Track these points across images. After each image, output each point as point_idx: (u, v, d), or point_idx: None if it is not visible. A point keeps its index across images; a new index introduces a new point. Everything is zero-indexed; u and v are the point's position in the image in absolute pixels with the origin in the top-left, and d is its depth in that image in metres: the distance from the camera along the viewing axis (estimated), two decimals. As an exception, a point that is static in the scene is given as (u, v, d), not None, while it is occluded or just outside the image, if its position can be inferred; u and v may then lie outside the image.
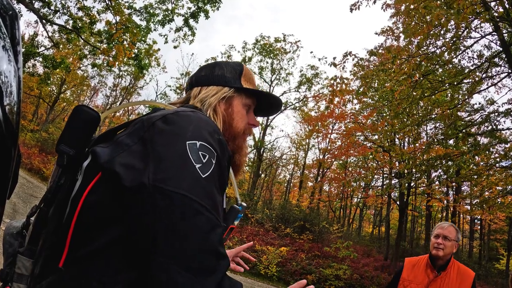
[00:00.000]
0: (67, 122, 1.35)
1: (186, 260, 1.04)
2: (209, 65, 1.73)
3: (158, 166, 1.10)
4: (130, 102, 7.43)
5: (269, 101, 1.79)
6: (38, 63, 25.33)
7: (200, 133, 1.22)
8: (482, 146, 13.14)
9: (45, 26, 20.42)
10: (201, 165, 1.14)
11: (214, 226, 1.12)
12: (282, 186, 55.39)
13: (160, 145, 1.15)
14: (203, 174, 1.14)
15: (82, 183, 1.21)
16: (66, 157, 1.29)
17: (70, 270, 1.11)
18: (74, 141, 1.31)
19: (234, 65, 1.74)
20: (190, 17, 19.53)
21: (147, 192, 1.06)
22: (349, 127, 28.88)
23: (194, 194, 1.09)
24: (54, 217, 1.25)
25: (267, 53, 37.13)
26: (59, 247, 1.15)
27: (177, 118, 1.24)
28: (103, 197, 1.14)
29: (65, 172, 1.32)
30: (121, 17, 18.57)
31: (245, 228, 27.51)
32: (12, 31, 1.01)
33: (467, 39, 14.30)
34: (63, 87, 43.78)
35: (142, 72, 24.20)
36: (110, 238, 1.10)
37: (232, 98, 1.63)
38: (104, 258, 1.09)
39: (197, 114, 1.32)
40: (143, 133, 1.20)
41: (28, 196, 17.20)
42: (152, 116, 1.26)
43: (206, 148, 1.19)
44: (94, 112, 1.35)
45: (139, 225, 1.07)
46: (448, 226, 4.31)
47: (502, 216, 30.07)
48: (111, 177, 1.12)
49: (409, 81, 13.02)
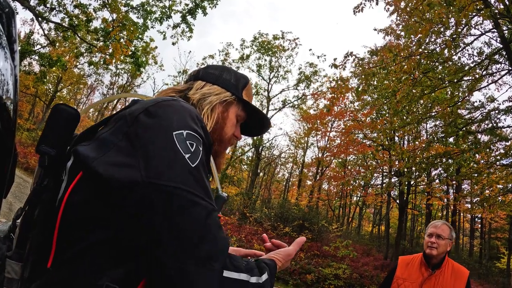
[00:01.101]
0: (46, 122, 1.34)
1: (190, 251, 1.06)
2: (219, 66, 1.75)
3: (148, 161, 1.11)
4: (107, 98, 7.34)
5: (258, 122, 1.82)
6: (34, 61, 25.30)
7: (185, 121, 1.23)
8: (482, 144, 13.16)
9: (41, 24, 20.40)
10: (190, 155, 1.16)
11: (210, 212, 1.15)
12: (281, 185, 55.42)
13: (147, 139, 1.15)
14: (192, 164, 1.15)
15: (67, 183, 1.20)
16: (47, 158, 1.28)
17: (59, 271, 1.11)
18: (55, 141, 1.30)
19: (241, 76, 1.75)
20: (187, 14, 19.51)
21: (141, 189, 1.07)
22: (348, 125, 28.89)
23: (187, 185, 1.11)
24: (40, 219, 1.25)
25: (266, 51, 37.05)
26: (46, 249, 1.15)
27: (161, 109, 1.23)
28: (86, 197, 1.14)
29: (48, 173, 1.30)
30: (118, 15, 18.56)
31: (244, 227, 27.51)
32: (9, 29, 1.01)
33: (467, 36, 14.31)
34: (59, 86, 43.76)
35: (139, 70, 24.16)
36: (96, 238, 1.10)
37: (231, 104, 1.65)
38: (91, 257, 1.10)
39: (179, 101, 1.32)
40: (127, 129, 1.19)
41: (24, 196, 17.17)
42: (134, 110, 1.25)
43: (193, 136, 1.21)
44: (72, 110, 1.34)
45: (136, 223, 1.08)
46: (441, 224, 4.33)
47: (503, 215, 30.11)
48: (96, 177, 1.11)
49: (410, 79, 13.03)
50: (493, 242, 36.38)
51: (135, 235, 1.10)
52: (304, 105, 39.42)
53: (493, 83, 16.50)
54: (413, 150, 15.83)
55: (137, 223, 1.08)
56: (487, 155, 14.95)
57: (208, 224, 1.12)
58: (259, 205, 37.56)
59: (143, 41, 23.59)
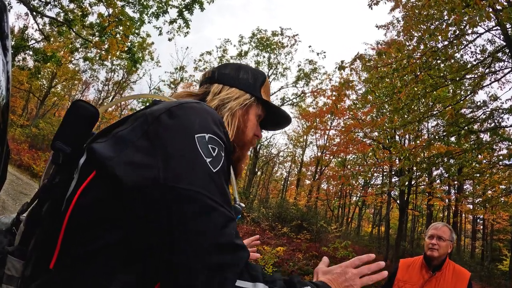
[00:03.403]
0: (64, 118, 1.31)
1: (205, 257, 1.05)
2: (234, 65, 1.72)
3: (168, 163, 1.10)
4: (128, 96, 7.29)
5: (278, 116, 1.81)
6: (28, 57, 25.19)
7: (208, 125, 1.22)
8: (485, 144, 13.15)
9: (35, 18, 20.33)
10: (211, 159, 1.15)
11: (228, 219, 1.13)
12: (279, 184, 55.46)
13: (167, 140, 1.14)
14: (214, 169, 1.14)
15: (77, 181, 1.19)
16: (62, 155, 1.27)
17: (61, 272, 1.10)
18: (71, 138, 1.28)
19: (258, 73, 1.73)
20: (184, 9, 19.47)
21: (159, 191, 1.07)
22: (348, 123, 28.88)
23: (207, 190, 1.10)
24: (47, 217, 1.24)
25: (264, 47, 36.98)
26: (50, 248, 1.14)
27: (182, 111, 1.23)
28: (98, 197, 1.13)
29: (61, 171, 1.29)
30: (114, 10, 18.50)
31: (241, 227, 27.48)
32: (1, 24, 1.00)
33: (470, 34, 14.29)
34: (54, 81, 43.58)
35: (135, 66, 24.12)
36: (107, 240, 1.10)
37: (251, 106, 1.64)
38: (101, 260, 1.09)
39: (202, 105, 1.31)
40: (147, 127, 1.18)
41: (17, 193, 17.17)
42: (155, 110, 1.24)
43: (215, 141, 1.20)
44: (92, 108, 1.32)
45: (149, 224, 1.08)
46: (442, 226, 4.39)
47: (506, 216, 30.14)
48: (112, 177, 1.10)
49: (414, 79, 13.01)
50: (495, 243, 36.39)
51: (146, 236, 1.09)
52: (303, 103, 39.38)
53: (496, 82, 16.50)
54: (414, 149, 15.82)
55: (151, 225, 1.08)
56: (490, 155, 14.94)
57: (224, 232, 1.10)
58: (257, 205, 37.53)
59: (140, 37, 23.58)
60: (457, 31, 12.25)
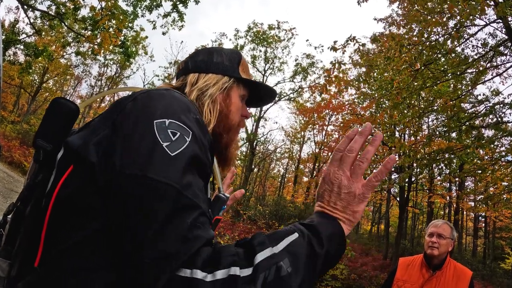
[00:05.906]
0: (44, 116, 1.33)
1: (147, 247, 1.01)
2: (206, 50, 1.70)
3: (125, 150, 1.10)
4: (108, 90, 7.22)
5: (263, 92, 1.78)
6: (19, 51, 25.23)
7: (172, 111, 1.20)
8: (486, 139, 13.15)
9: (26, 12, 20.32)
10: (169, 143, 1.11)
11: (182, 206, 1.07)
12: (276, 181, 55.48)
13: (126, 127, 1.15)
14: (172, 153, 1.10)
15: (55, 176, 1.20)
16: (42, 152, 1.27)
17: (46, 270, 1.10)
18: (52, 135, 1.29)
19: (232, 53, 1.71)
20: (178, 2, 19.42)
21: (115, 179, 1.07)
22: (346, 119, 28.87)
23: (162, 175, 1.06)
24: (30, 215, 1.24)
25: (260, 41, 36.97)
26: (34, 246, 1.14)
27: (147, 98, 1.23)
28: (77, 190, 1.12)
29: (43, 168, 1.29)
30: (107, 3, 18.41)
31: (237, 226, 27.50)
32: (-9, 18, 1.00)
33: (471, 27, 14.29)
34: (45, 77, 43.52)
35: (128, 60, 24.13)
36: (87, 233, 1.09)
37: (231, 88, 1.61)
38: (82, 254, 1.08)
39: (171, 92, 1.30)
40: (116, 116, 1.19)
41: (8, 191, 17.14)
42: (124, 98, 1.26)
43: (178, 126, 1.16)
44: (72, 105, 1.33)
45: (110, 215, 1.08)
46: (442, 224, 4.36)
47: (508, 213, 30.13)
48: (87, 164, 1.12)
49: (409, 70, 12.99)
50: (497, 242, 36.40)
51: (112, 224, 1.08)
52: (300, 98, 39.40)
53: (497, 76, 16.49)
54: (414, 144, 15.81)
55: (110, 211, 1.08)
56: (492, 151, 14.97)
57: (173, 220, 1.04)
58: (253, 202, 37.59)
59: (133, 30, 23.54)
60: (458, 24, 12.26)
